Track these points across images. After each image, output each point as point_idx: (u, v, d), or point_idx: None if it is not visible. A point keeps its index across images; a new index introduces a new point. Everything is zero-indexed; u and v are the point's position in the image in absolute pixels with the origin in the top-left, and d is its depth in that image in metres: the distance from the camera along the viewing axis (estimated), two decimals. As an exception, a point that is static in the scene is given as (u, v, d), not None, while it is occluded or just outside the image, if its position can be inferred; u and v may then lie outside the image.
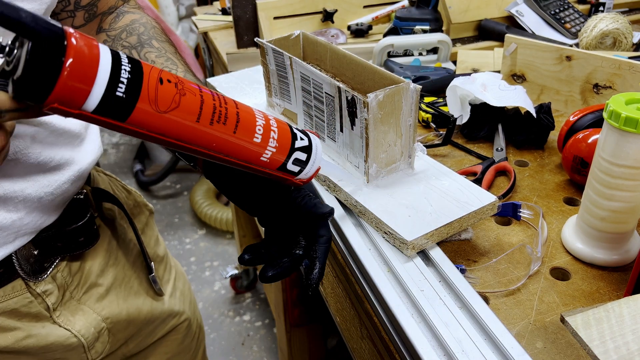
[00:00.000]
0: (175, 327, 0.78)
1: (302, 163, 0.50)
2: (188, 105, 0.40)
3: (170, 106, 0.39)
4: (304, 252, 0.52)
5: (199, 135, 0.42)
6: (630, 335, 0.41)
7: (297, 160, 0.49)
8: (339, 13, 1.31)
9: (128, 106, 0.37)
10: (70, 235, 0.59)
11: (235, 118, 0.44)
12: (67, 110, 0.35)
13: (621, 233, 0.56)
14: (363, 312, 0.58)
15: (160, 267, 0.77)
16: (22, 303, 0.56)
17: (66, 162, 0.57)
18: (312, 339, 1.38)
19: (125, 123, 0.38)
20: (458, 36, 1.20)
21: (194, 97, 0.41)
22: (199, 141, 0.42)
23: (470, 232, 0.62)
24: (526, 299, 0.53)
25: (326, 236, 0.52)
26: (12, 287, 0.55)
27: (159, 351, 0.77)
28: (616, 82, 0.79)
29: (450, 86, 0.79)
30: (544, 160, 0.76)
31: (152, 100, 0.38)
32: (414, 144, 0.64)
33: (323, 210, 0.52)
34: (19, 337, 0.57)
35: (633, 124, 0.48)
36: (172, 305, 0.77)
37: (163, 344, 0.77)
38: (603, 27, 1.01)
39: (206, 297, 2.00)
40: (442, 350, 0.45)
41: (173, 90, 0.39)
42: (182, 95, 0.40)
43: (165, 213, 2.48)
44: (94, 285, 0.65)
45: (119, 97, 0.36)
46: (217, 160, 0.45)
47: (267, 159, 0.47)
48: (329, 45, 0.72)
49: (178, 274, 0.83)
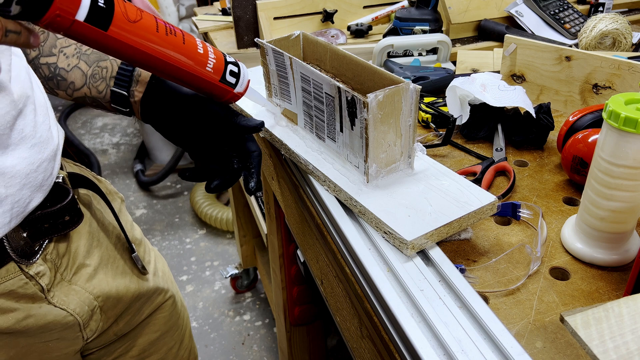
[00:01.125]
0: (162, 304, 0.82)
1: (236, 75, 0.60)
2: (148, 19, 0.50)
3: (137, 17, 0.49)
4: (241, 165, 0.64)
5: (161, 43, 0.52)
6: (630, 335, 0.41)
7: (232, 73, 0.60)
8: (338, 13, 1.31)
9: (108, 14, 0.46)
10: (56, 215, 0.61)
11: (181, 34, 0.54)
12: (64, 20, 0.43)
13: (620, 233, 0.56)
14: (363, 312, 0.58)
15: (139, 248, 0.81)
16: (19, 285, 0.59)
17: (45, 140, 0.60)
18: (312, 339, 1.38)
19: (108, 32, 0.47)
20: (458, 36, 1.20)
21: (148, 14, 0.51)
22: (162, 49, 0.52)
23: (470, 232, 0.62)
24: (526, 298, 0.53)
25: (257, 150, 0.64)
26: (7, 270, 0.58)
27: (149, 330, 0.81)
28: (615, 82, 0.79)
29: (450, 86, 0.79)
30: (544, 160, 0.76)
31: (123, 11, 0.48)
32: (414, 144, 0.64)
33: (255, 123, 0.63)
34: (19, 318, 0.60)
35: (632, 124, 0.48)
36: (156, 283, 0.80)
37: (151, 322, 0.81)
38: (602, 27, 1.01)
39: (206, 297, 2.00)
40: (441, 350, 0.45)
41: (135, 7, 0.50)
42: (142, 11, 0.50)
43: (165, 213, 2.48)
44: (82, 265, 0.68)
45: (101, 6, 0.45)
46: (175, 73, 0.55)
47: (211, 68, 0.57)
48: (329, 46, 0.72)
49: (157, 256, 0.87)
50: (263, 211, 1.41)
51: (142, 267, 0.77)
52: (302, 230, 0.81)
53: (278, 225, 1.12)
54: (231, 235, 2.30)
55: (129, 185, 2.70)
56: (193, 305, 1.97)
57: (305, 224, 0.78)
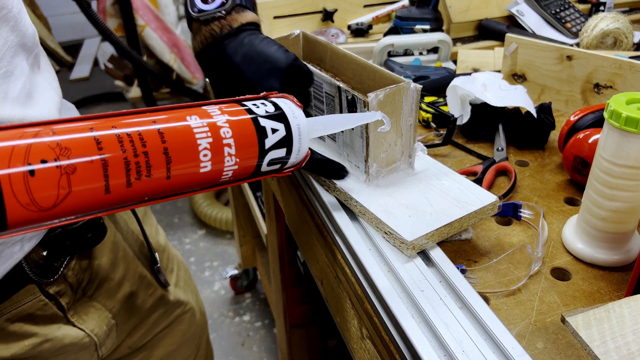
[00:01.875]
0: (180, 316, 0.78)
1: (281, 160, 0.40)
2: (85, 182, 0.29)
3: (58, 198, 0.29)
4: None
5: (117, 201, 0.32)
6: (631, 335, 0.41)
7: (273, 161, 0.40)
8: (339, 12, 1.31)
9: None
10: (78, 232, 0.57)
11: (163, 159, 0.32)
12: None
13: (622, 233, 0.55)
14: (363, 312, 0.58)
15: (163, 256, 0.77)
16: (37, 307, 0.55)
17: None
18: (312, 340, 1.37)
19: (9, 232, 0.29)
20: (458, 36, 1.20)
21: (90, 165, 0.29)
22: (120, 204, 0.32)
23: (471, 232, 0.62)
24: (527, 299, 0.53)
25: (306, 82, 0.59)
26: (26, 291, 0.54)
27: (165, 342, 0.77)
28: (617, 81, 0.79)
29: (451, 86, 0.79)
30: (545, 160, 0.76)
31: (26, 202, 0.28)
32: (414, 144, 0.64)
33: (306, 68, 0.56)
34: (35, 343, 0.56)
35: (634, 123, 0.48)
36: (177, 295, 0.76)
37: (168, 334, 0.77)
38: (604, 26, 1.01)
39: (206, 297, 2.00)
40: (442, 351, 0.45)
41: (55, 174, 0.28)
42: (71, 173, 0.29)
43: (165, 213, 2.48)
44: (105, 279, 0.64)
45: None
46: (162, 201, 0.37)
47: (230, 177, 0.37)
48: (329, 45, 0.72)
49: (180, 263, 0.82)
50: (263, 211, 1.41)
51: (165, 280, 0.73)
52: (302, 231, 0.81)
53: (278, 225, 1.12)
54: (231, 235, 2.29)
55: (128, 185, 2.70)
56: (193, 305, 1.97)
57: (305, 224, 0.78)
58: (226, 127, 0.35)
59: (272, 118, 0.38)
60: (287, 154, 0.40)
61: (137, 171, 0.31)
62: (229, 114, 0.36)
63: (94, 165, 0.29)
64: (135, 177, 0.31)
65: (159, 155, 0.32)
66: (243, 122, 0.36)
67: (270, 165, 0.40)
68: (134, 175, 0.31)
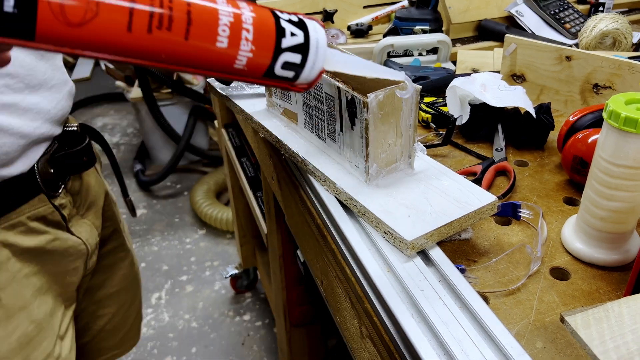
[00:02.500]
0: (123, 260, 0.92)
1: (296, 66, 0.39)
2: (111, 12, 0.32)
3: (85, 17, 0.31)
4: None
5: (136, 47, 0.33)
6: (630, 335, 0.41)
7: (287, 64, 0.39)
8: (338, 13, 1.31)
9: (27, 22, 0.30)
10: (76, 155, 0.73)
11: (184, 20, 0.34)
12: None
13: (621, 233, 0.56)
14: (363, 312, 0.58)
15: None
16: (48, 212, 0.69)
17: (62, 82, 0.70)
18: (312, 339, 1.37)
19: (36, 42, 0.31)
20: (458, 36, 1.20)
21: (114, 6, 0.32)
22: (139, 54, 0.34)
23: (470, 232, 0.62)
24: (526, 298, 0.53)
25: None
26: (39, 199, 0.67)
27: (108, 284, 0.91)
28: (616, 82, 0.79)
29: (450, 86, 0.79)
30: (544, 160, 0.76)
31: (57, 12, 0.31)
32: (414, 144, 0.64)
33: None
34: (49, 239, 0.70)
35: (633, 124, 0.48)
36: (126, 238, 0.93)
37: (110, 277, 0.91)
38: (603, 27, 1.01)
39: (206, 297, 2.00)
40: (442, 350, 0.45)
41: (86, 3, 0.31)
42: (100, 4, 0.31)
43: (165, 213, 2.48)
44: (93, 203, 0.79)
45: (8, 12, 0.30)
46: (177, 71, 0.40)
47: (243, 65, 0.37)
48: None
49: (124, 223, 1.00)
50: (263, 211, 1.41)
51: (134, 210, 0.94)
52: (302, 230, 0.81)
53: (278, 225, 1.12)
54: (231, 235, 2.30)
55: (128, 185, 2.70)
56: (193, 305, 1.97)
57: (305, 224, 0.78)
58: (249, 14, 0.37)
59: (293, 24, 0.39)
60: (302, 62, 0.40)
61: (159, 20, 0.33)
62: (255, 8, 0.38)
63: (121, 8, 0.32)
64: (156, 25, 0.33)
65: (182, 14, 0.34)
66: (265, 15, 0.38)
67: (284, 70, 0.39)
68: (156, 23, 0.33)
